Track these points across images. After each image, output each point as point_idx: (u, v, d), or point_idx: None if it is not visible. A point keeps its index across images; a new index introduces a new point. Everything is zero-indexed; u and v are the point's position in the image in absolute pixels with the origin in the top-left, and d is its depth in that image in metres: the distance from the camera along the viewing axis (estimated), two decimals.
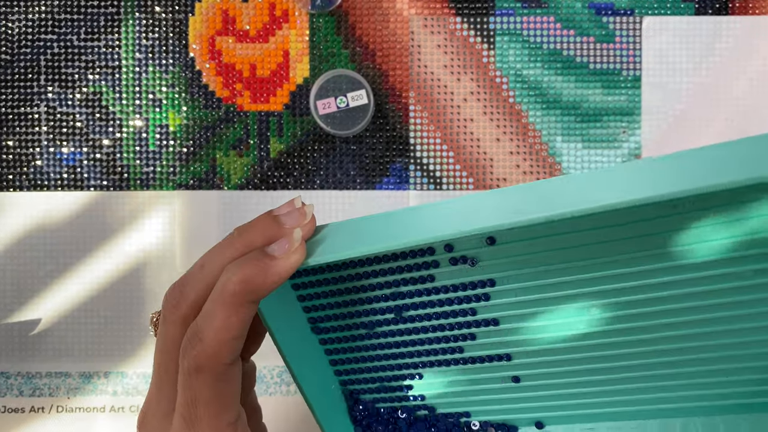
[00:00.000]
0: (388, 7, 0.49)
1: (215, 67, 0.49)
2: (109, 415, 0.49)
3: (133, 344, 0.49)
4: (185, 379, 0.30)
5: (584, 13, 0.49)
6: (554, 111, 0.49)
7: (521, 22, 0.49)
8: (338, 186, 0.49)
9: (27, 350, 0.50)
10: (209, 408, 0.30)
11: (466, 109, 0.49)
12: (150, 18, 0.49)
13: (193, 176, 0.49)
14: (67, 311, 0.49)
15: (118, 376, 0.49)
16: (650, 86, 0.49)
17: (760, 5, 0.49)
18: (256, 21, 0.49)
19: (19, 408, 0.50)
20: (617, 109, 0.49)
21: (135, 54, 0.49)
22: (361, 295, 0.36)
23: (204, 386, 0.29)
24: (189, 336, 0.30)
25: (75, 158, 0.49)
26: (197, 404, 0.30)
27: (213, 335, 0.29)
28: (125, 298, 0.49)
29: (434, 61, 0.49)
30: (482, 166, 0.49)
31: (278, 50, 0.49)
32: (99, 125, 0.49)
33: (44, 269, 0.49)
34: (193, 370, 0.29)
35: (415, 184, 0.49)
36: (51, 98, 0.49)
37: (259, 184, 0.49)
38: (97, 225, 0.49)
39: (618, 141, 0.49)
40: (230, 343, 0.29)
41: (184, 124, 0.49)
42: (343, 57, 0.49)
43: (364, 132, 0.49)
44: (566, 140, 0.49)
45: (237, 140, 0.49)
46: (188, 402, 0.30)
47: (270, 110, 0.49)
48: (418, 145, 0.49)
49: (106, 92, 0.49)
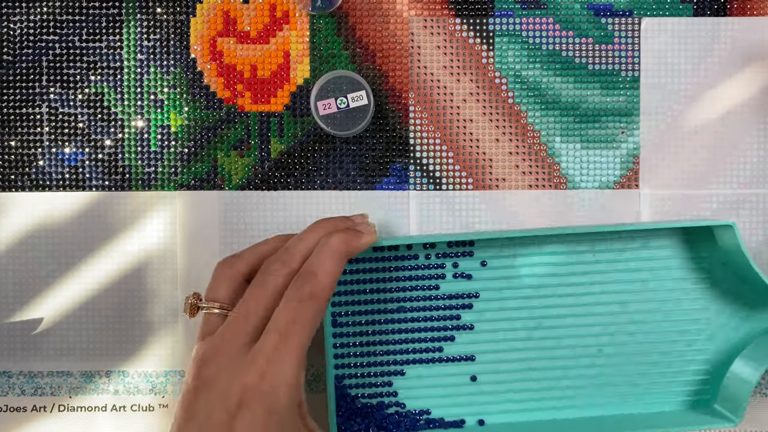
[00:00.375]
0: (388, 9, 0.49)
1: (216, 68, 0.50)
2: (110, 414, 0.50)
3: (134, 343, 0.50)
4: (294, 304, 0.38)
5: (583, 14, 0.49)
6: (553, 111, 0.50)
7: (520, 23, 0.49)
8: (338, 186, 0.50)
9: (29, 350, 0.50)
10: (305, 328, 0.38)
11: (465, 109, 0.50)
12: (151, 19, 0.50)
13: (194, 176, 0.50)
14: (68, 311, 0.50)
15: (119, 376, 0.50)
16: (649, 87, 0.49)
17: (758, 6, 0.49)
18: (256, 22, 0.49)
19: (21, 407, 0.50)
20: (616, 109, 0.50)
21: (137, 55, 0.50)
22: (377, 296, 0.47)
23: (310, 309, 0.38)
24: (304, 274, 0.39)
25: (77, 159, 0.50)
26: (297, 322, 0.38)
27: (325, 274, 0.39)
28: (127, 297, 0.50)
29: (434, 62, 0.49)
30: (481, 166, 0.50)
31: (279, 51, 0.50)
32: (101, 126, 0.50)
33: (46, 269, 0.50)
34: (306, 296, 0.38)
35: (414, 184, 0.50)
36: (53, 99, 0.50)
37: (260, 184, 0.50)
38: (99, 225, 0.50)
39: (617, 141, 0.50)
40: (333, 284, 0.39)
41: (185, 124, 0.50)
42: (343, 58, 0.50)
43: (364, 132, 0.49)
44: (565, 140, 0.50)
45: (238, 141, 0.50)
46: (289, 320, 0.38)
47: (271, 111, 0.50)
48: (418, 145, 0.50)
49: (107, 93, 0.50)
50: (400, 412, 0.47)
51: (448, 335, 0.48)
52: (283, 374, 0.37)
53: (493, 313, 0.48)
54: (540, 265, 0.48)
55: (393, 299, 0.47)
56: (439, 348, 0.47)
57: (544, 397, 0.48)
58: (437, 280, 0.47)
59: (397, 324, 0.47)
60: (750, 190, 0.49)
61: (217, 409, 0.37)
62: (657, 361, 0.48)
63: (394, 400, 0.47)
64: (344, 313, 0.47)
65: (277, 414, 0.36)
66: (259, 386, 0.36)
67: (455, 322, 0.47)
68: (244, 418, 0.36)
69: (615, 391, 0.48)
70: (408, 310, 0.47)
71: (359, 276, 0.47)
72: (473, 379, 0.48)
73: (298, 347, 0.37)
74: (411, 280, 0.47)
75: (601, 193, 0.49)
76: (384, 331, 0.47)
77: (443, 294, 0.47)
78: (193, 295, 0.42)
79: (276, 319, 0.38)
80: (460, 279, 0.47)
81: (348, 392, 0.47)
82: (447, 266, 0.47)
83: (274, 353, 0.37)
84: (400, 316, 0.47)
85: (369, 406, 0.47)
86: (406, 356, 0.47)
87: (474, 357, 0.48)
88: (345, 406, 0.47)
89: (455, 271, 0.47)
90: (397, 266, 0.47)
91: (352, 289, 0.47)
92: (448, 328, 0.47)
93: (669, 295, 0.48)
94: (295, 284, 0.39)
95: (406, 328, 0.47)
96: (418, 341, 0.47)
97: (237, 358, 0.38)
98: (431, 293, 0.47)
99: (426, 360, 0.47)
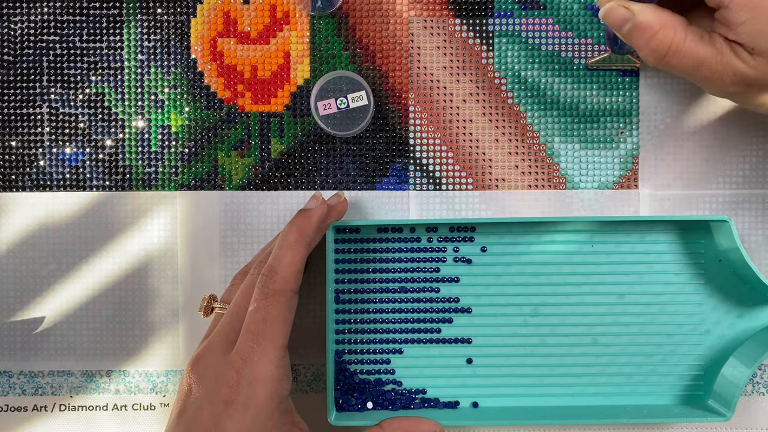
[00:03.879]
0: (388, 9, 0.50)
1: (217, 68, 0.50)
2: (111, 414, 0.50)
3: (135, 343, 0.50)
4: (261, 302, 0.40)
5: (583, 14, 0.50)
6: (553, 112, 0.50)
7: (520, 23, 0.50)
8: (338, 186, 0.50)
9: (30, 349, 0.50)
10: (275, 325, 0.39)
11: (465, 109, 0.50)
12: (152, 20, 0.50)
13: (194, 176, 0.50)
14: (69, 310, 0.50)
15: (120, 375, 0.50)
16: (648, 87, 0.50)
17: None
18: (257, 23, 0.50)
19: (22, 407, 0.50)
20: (615, 110, 0.50)
21: (137, 55, 0.50)
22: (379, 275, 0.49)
23: (276, 306, 0.39)
24: (266, 272, 0.40)
25: (77, 159, 0.50)
26: (266, 321, 0.39)
27: (284, 267, 0.40)
28: (127, 297, 0.50)
29: (434, 62, 0.50)
30: (481, 166, 0.50)
31: (279, 52, 0.50)
32: (101, 126, 0.50)
33: (47, 269, 0.50)
34: (271, 294, 0.40)
35: (414, 184, 0.50)
36: (53, 99, 0.50)
37: (260, 184, 0.50)
38: (100, 225, 0.50)
39: (616, 141, 0.50)
40: (296, 275, 0.41)
41: (185, 124, 0.50)
42: (343, 58, 0.50)
43: (364, 133, 0.50)
44: (564, 141, 0.50)
45: (238, 141, 0.50)
46: (259, 320, 0.39)
47: (271, 111, 0.50)
48: (418, 145, 0.50)
49: (108, 93, 0.50)
50: (397, 390, 0.48)
51: (446, 317, 0.49)
52: (259, 372, 0.38)
53: (490, 297, 0.49)
54: (539, 253, 0.48)
55: (394, 279, 0.48)
56: (437, 329, 0.49)
57: (538, 383, 0.49)
58: (438, 263, 0.48)
59: (398, 303, 0.49)
60: (749, 190, 0.50)
61: (205, 406, 0.39)
62: (652, 354, 0.48)
63: (391, 378, 0.49)
64: (346, 291, 0.48)
65: (254, 408, 0.38)
66: (239, 384, 0.38)
67: (454, 305, 0.49)
68: (229, 415, 0.38)
69: (609, 381, 0.49)
70: (408, 291, 0.49)
71: (363, 255, 0.48)
72: (469, 362, 0.49)
73: (272, 344, 0.39)
74: (412, 262, 0.48)
75: (601, 193, 0.50)
76: (384, 310, 0.49)
77: (443, 277, 0.49)
78: (210, 297, 0.45)
79: (248, 320, 0.40)
80: (460, 263, 0.48)
81: (347, 367, 0.48)
82: (448, 250, 0.48)
83: (249, 353, 0.39)
84: (400, 296, 0.49)
85: (366, 382, 0.48)
86: (405, 335, 0.49)
87: (471, 340, 0.49)
88: (343, 381, 0.48)
89: (456, 255, 0.48)
90: (400, 248, 0.48)
91: (356, 268, 0.48)
92: (447, 311, 0.49)
93: (665, 289, 0.48)
94: (259, 283, 0.40)
95: (406, 308, 0.49)
96: (416, 321, 0.49)
97: (222, 358, 0.40)
98: (432, 275, 0.48)
99: (424, 340, 0.49)
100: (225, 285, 0.50)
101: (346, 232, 0.48)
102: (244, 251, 0.50)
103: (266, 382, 0.38)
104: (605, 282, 0.48)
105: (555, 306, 0.48)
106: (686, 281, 0.48)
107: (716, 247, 0.48)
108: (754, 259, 0.49)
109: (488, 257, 0.48)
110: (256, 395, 0.38)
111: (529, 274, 0.48)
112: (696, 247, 0.48)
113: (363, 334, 0.49)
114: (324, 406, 0.48)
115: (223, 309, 0.44)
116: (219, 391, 0.39)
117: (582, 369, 0.49)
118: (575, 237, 0.48)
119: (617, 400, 0.48)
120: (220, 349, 0.40)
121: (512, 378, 0.49)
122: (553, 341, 0.49)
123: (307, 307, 0.49)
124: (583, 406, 0.48)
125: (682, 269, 0.48)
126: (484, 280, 0.49)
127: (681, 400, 0.49)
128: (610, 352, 0.49)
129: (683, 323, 0.49)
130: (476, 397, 0.49)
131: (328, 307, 0.45)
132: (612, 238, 0.48)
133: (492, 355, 0.49)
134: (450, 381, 0.49)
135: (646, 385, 0.49)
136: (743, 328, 0.48)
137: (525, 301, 0.48)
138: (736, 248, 0.45)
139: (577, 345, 0.49)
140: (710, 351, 0.49)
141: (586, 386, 0.49)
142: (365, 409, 0.47)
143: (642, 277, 0.48)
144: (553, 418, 0.46)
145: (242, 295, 0.42)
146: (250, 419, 0.38)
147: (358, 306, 0.49)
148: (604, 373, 0.49)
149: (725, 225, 0.46)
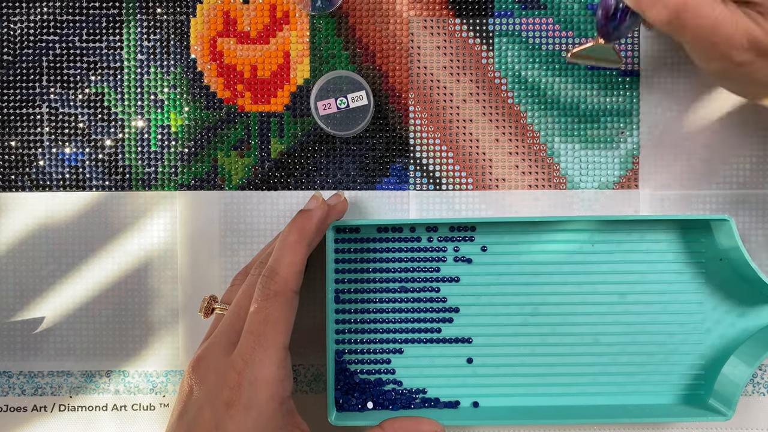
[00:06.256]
0: (388, 9, 0.49)
1: (216, 68, 0.50)
2: (111, 414, 0.50)
3: (134, 343, 0.50)
4: (262, 303, 0.40)
5: (583, 14, 0.50)
6: (553, 111, 0.50)
7: (520, 23, 0.49)
8: (338, 186, 0.50)
9: (29, 349, 0.50)
10: (277, 326, 0.39)
11: (465, 109, 0.50)
12: (152, 19, 0.50)
13: (194, 176, 0.50)
14: (69, 311, 0.50)
15: (120, 375, 0.50)
16: (648, 87, 0.50)
17: None
18: (257, 22, 0.50)
19: (22, 407, 0.50)
20: (615, 109, 0.50)
21: (137, 55, 0.50)
22: (380, 275, 0.49)
23: (277, 306, 0.39)
24: (267, 273, 0.40)
25: (77, 159, 0.50)
26: (268, 322, 0.39)
27: (284, 267, 0.40)
28: (127, 297, 0.50)
29: (434, 62, 0.50)
30: (481, 166, 0.50)
31: (279, 51, 0.50)
32: (101, 126, 0.50)
33: (46, 269, 0.50)
34: (272, 295, 0.40)
35: (414, 184, 0.50)
36: (53, 99, 0.50)
37: (260, 184, 0.50)
38: (99, 225, 0.50)
39: (616, 141, 0.50)
40: (297, 275, 0.41)
41: (185, 124, 0.50)
42: (343, 58, 0.50)
43: (364, 133, 0.50)
44: (564, 141, 0.50)
45: (238, 141, 0.50)
46: (260, 321, 0.39)
47: (271, 111, 0.50)
48: (418, 145, 0.50)
49: (108, 93, 0.50)
50: (397, 390, 0.48)
51: (446, 317, 0.49)
52: (260, 373, 0.38)
53: (491, 297, 0.49)
54: (539, 253, 0.48)
55: (395, 279, 0.49)
56: (438, 329, 0.49)
57: (539, 383, 0.49)
58: (438, 263, 0.48)
59: (398, 303, 0.49)
60: (749, 190, 0.49)
61: (206, 407, 0.39)
62: (653, 353, 0.48)
63: (391, 378, 0.49)
64: (346, 291, 0.48)
65: (256, 409, 0.38)
66: (240, 385, 0.38)
67: (454, 305, 0.49)
68: (230, 416, 0.38)
69: (610, 380, 0.49)
70: (409, 291, 0.49)
71: (363, 255, 0.48)
72: (469, 362, 0.49)
73: (274, 345, 0.39)
74: (413, 262, 0.49)
75: (601, 193, 0.50)
76: (384, 310, 0.49)
77: (444, 276, 0.49)
78: (210, 297, 0.45)
79: (249, 321, 0.40)
80: (460, 263, 0.49)
81: (347, 367, 0.48)
82: (448, 250, 0.49)
83: (251, 354, 0.39)
84: (400, 295, 0.49)
85: (367, 382, 0.48)
86: (405, 335, 0.49)
87: (471, 339, 0.49)
88: (343, 380, 0.48)
89: (456, 255, 0.49)
90: (400, 248, 0.48)
91: (356, 268, 0.48)
92: (447, 310, 0.49)
93: (666, 288, 0.48)
94: (260, 284, 0.41)
95: (406, 308, 0.49)
96: (417, 321, 0.49)
97: (224, 359, 0.40)
98: (432, 275, 0.49)
99: (424, 340, 0.49)
100: (225, 285, 0.49)
101: (346, 232, 0.48)
102: (244, 251, 0.50)
103: (268, 383, 0.38)
104: (606, 282, 0.48)
105: (555, 305, 0.48)
106: (687, 281, 0.48)
107: (717, 246, 0.48)
108: (755, 258, 0.49)
109: (488, 257, 0.48)
110: (257, 396, 0.38)
111: (529, 273, 0.48)
112: (697, 246, 0.48)
113: (363, 333, 0.49)
114: (324, 406, 0.48)
115: (223, 310, 0.44)
116: (220, 392, 0.39)
117: (583, 368, 0.49)
118: (576, 237, 0.48)
119: (618, 400, 0.48)
120: (221, 350, 0.40)
121: (513, 378, 0.49)
122: (554, 341, 0.48)
123: (307, 308, 0.49)
124: (583, 405, 0.48)
125: (683, 269, 0.48)
126: (484, 280, 0.48)
127: (682, 400, 0.49)
128: (611, 352, 0.49)
129: (684, 322, 0.49)
130: (477, 396, 0.49)
131: (329, 307, 0.45)
132: (612, 237, 0.48)
133: (492, 354, 0.49)
134: (450, 381, 0.49)
135: (647, 385, 0.49)
136: (744, 327, 0.48)
137: (525, 301, 0.48)
138: (736, 247, 0.45)
139: (578, 344, 0.49)
140: (711, 350, 0.49)
141: (587, 386, 0.49)
142: (365, 409, 0.47)
143: (643, 277, 0.48)
144: (554, 418, 0.46)
145: (243, 296, 0.42)
146: (251, 420, 0.38)
147: (359, 306, 0.49)
148: (605, 373, 0.49)
149: (726, 224, 0.46)
